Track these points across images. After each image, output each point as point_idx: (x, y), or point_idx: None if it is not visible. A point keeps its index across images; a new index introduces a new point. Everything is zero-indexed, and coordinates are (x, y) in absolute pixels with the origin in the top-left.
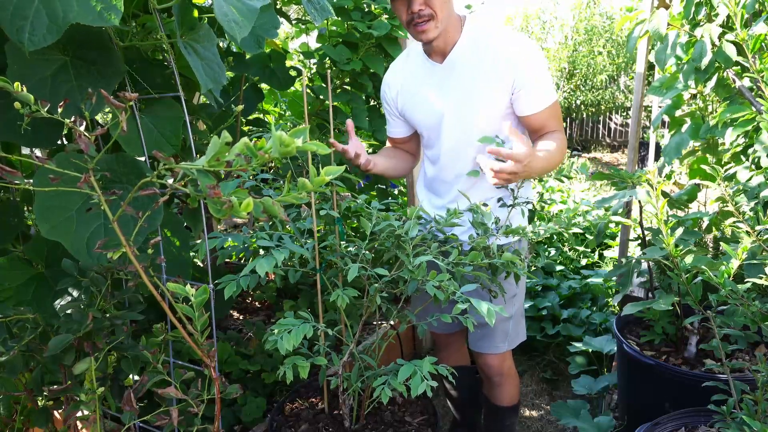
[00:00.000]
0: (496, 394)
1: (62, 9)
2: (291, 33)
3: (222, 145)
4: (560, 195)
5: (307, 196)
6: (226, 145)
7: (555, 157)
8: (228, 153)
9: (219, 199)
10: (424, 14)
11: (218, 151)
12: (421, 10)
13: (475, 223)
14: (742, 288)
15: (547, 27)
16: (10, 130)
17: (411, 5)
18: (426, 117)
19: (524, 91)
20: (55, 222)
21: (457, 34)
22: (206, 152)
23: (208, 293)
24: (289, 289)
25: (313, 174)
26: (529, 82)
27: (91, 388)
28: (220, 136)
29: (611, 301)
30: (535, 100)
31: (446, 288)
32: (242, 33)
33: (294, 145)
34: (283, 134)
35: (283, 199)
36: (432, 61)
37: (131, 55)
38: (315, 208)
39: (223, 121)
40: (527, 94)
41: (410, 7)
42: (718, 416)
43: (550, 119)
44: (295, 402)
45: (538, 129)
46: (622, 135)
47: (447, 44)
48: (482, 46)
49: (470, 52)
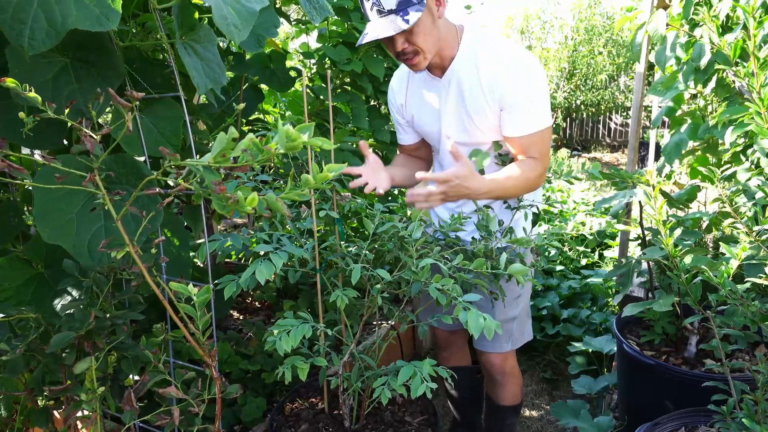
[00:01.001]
0: (498, 393)
1: (61, 14)
2: (291, 33)
3: (229, 140)
4: (560, 195)
5: (309, 193)
6: (232, 141)
7: (513, 180)
8: (234, 149)
9: (224, 195)
10: (408, 51)
11: (224, 147)
12: (405, 48)
13: (480, 226)
14: (742, 288)
15: (548, 27)
16: (11, 131)
17: (394, 45)
18: (428, 126)
19: (507, 111)
20: (55, 226)
21: (453, 49)
22: (212, 148)
23: (211, 293)
24: (289, 289)
25: (315, 171)
26: (515, 104)
27: (92, 388)
28: (227, 132)
29: (611, 301)
30: (518, 124)
31: (449, 292)
32: (241, 36)
33: (300, 140)
34: (289, 128)
35: (287, 196)
36: (432, 75)
37: (131, 55)
38: (315, 207)
39: (223, 122)
40: (510, 115)
41: (394, 46)
42: (718, 416)
43: (532, 147)
44: (295, 402)
45: (519, 153)
46: (622, 135)
47: (444, 60)
48: (479, 61)
49: (468, 67)
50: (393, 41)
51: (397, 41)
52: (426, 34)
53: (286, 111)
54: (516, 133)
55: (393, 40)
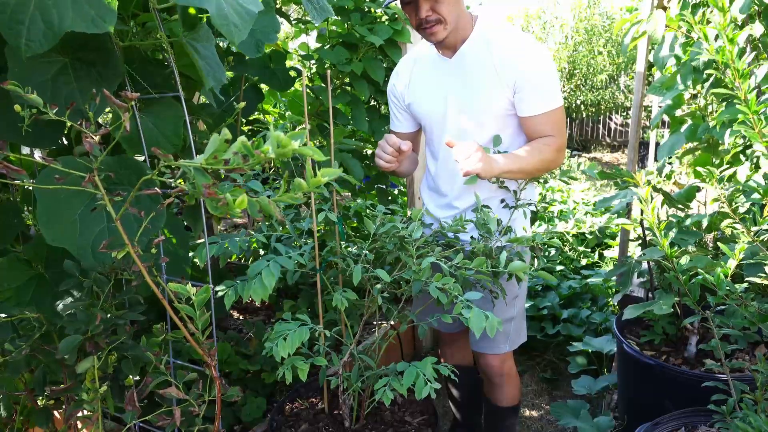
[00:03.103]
0: (497, 395)
1: (58, 15)
2: (291, 33)
3: (221, 142)
4: (560, 195)
5: (303, 196)
6: (224, 143)
7: (526, 159)
8: (226, 151)
9: (214, 197)
10: (432, 20)
11: (217, 148)
12: (428, 16)
13: (479, 225)
14: (740, 288)
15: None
16: (11, 131)
17: (418, 12)
18: (431, 108)
19: (524, 93)
20: (58, 228)
21: (468, 31)
22: (205, 150)
23: (209, 293)
24: (289, 288)
25: (309, 174)
26: (530, 85)
27: (93, 388)
28: (221, 134)
29: (611, 301)
30: (534, 102)
31: (450, 291)
32: (241, 36)
33: (291, 147)
34: (280, 135)
35: (280, 199)
36: (442, 55)
37: (131, 54)
38: (314, 208)
39: (223, 121)
40: (527, 96)
41: (418, 13)
42: (718, 416)
43: (547, 125)
44: (295, 402)
45: (534, 133)
46: (622, 135)
47: (457, 40)
48: (491, 44)
49: (479, 49)
50: (418, 7)
51: (422, 7)
52: (450, 4)
53: (286, 111)
54: (532, 112)
55: (418, 6)
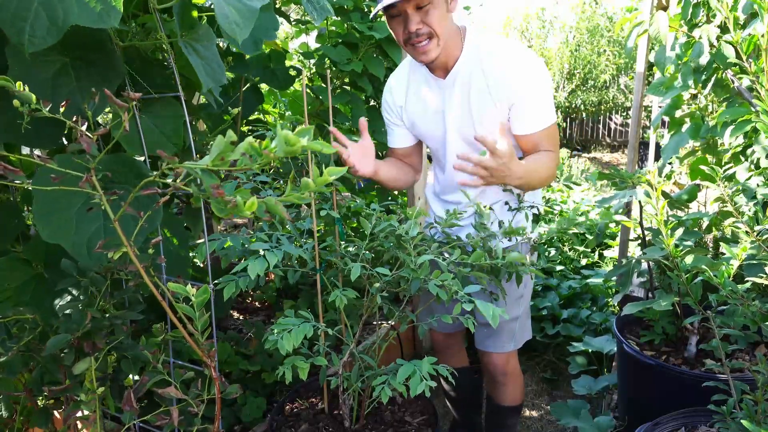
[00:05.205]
0: (500, 394)
1: (62, 11)
2: (291, 33)
3: (227, 144)
4: (560, 195)
5: (309, 195)
6: (230, 144)
7: (540, 170)
8: (233, 152)
9: (223, 199)
10: (422, 32)
11: (223, 150)
12: (419, 29)
13: (477, 225)
14: (742, 288)
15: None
16: (10, 131)
17: (408, 24)
18: (430, 130)
19: (519, 110)
20: (55, 225)
21: (458, 49)
22: (210, 151)
23: (209, 293)
24: (289, 289)
25: (315, 174)
26: (525, 103)
27: (91, 388)
28: (225, 135)
29: (611, 301)
30: (529, 121)
31: (449, 287)
32: (243, 34)
33: (299, 144)
34: (288, 133)
35: (286, 199)
36: (434, 76)
37: (131, 54)
38: (315, 208)
39: (223, 122)
40: (522, 114)
41: (407, 26)
42: (718, 416)
43: (543, 141)
44: (295, 402)
45: (530, 150)
46: (622, 135)
47: (448, 59)
48: (483, 62)
49: (472, 69)
50: (408, 19)
51: (412, 19)
52: (441, 17)
53: (285, 111)
54: (527, 131)
55: (408, 18)
